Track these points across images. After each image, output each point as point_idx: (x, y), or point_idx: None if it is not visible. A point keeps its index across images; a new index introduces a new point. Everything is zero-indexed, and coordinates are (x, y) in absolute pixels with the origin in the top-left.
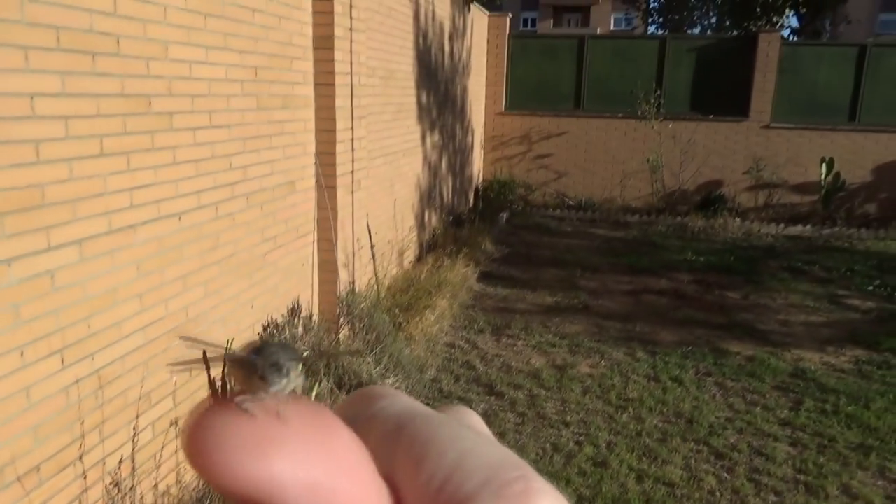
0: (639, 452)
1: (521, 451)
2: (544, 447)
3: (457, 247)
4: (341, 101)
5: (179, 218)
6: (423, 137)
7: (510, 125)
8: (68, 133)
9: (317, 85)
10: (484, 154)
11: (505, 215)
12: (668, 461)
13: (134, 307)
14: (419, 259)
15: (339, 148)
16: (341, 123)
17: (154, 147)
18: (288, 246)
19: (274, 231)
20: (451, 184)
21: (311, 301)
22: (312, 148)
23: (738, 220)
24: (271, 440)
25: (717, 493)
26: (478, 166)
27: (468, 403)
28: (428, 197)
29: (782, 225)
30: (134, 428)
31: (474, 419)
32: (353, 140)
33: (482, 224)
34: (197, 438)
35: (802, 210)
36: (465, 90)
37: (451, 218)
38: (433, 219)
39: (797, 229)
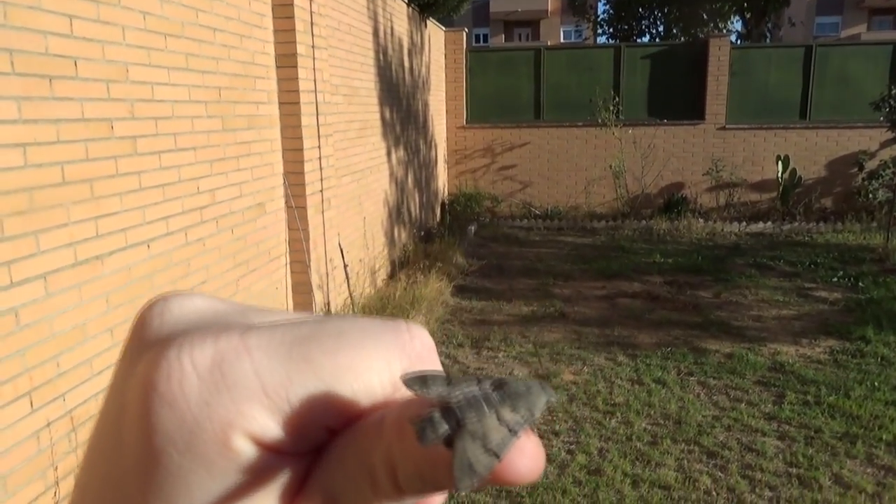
0: (631, 457)
1: None
2: None
3: (429, 262)
4: (307, 120)
5: (148, 246)
6: (389, 154)
7: (472, 138)
8: (27, 161)
9: (282, 104)
10: (448, 168)
11: (473, 228)
12: (662, 464)
13: (105, 342)
14: (391, 276)
15: (307, 167)
16: (308, 142)
17: (118, 173)
18: (260, 270)
19: (245, 255)
20: (418, 199)
21: None
22: (280, 168)
23: (701, 220)
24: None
25: (714, 493)
26: (443, 180)
27: None
28: (396, 213)
29: (744, 223)
30: None
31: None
32: (320, 158)
33: (451, 238)
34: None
35: (762, 207)
36: (426, 105)
37: (421, 233)
38: (402, 235)
39: (759, 226)
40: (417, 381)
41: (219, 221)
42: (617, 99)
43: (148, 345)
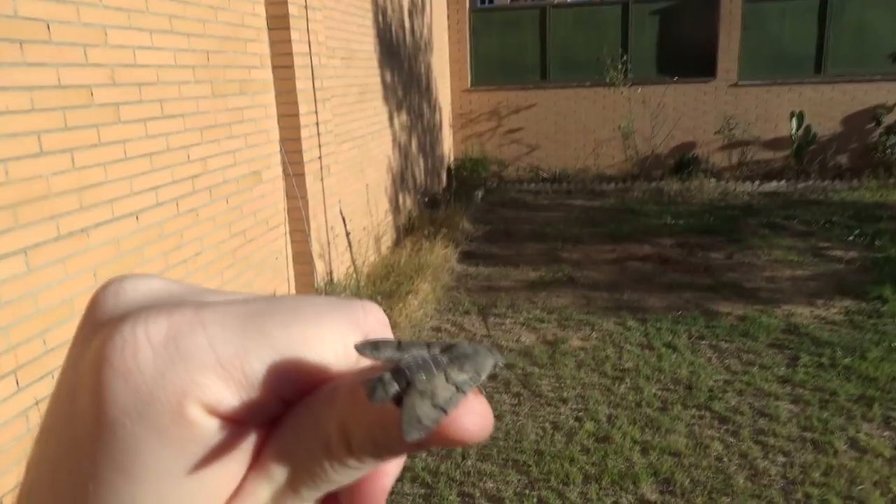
0: (641, 424)
1: (520, 431)
2: (543, 426)
3: (434, 228)
4: (302, 84)
5: (137, 218)
6: (391, 118)
7: (477, 101)
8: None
9: (275, 68)
10: (453, 132)
11: (480, 193)
12: (672, 430)
13: None
14: (397, 244)
15: (303, 133)
16: (304, 107)
17: (101, 142)
18: (258, 240)
19: (242, 225)
20: (422, 165)
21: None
22: (276, 135)
23: (713, 180)
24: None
25: (725, 459)
26: (448, 145)
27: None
28: (400, 179)
29: (757, 182)
30: None
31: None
32: (318, 124)
33: (458, 203)
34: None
35: (776, 166)
36: (429, 68)
37: (426, 199)
38: (407, 201)
39: (772, 185)
40: (369, 346)
41: (212, 191)
42: (625, 57)
43: (102, 323)
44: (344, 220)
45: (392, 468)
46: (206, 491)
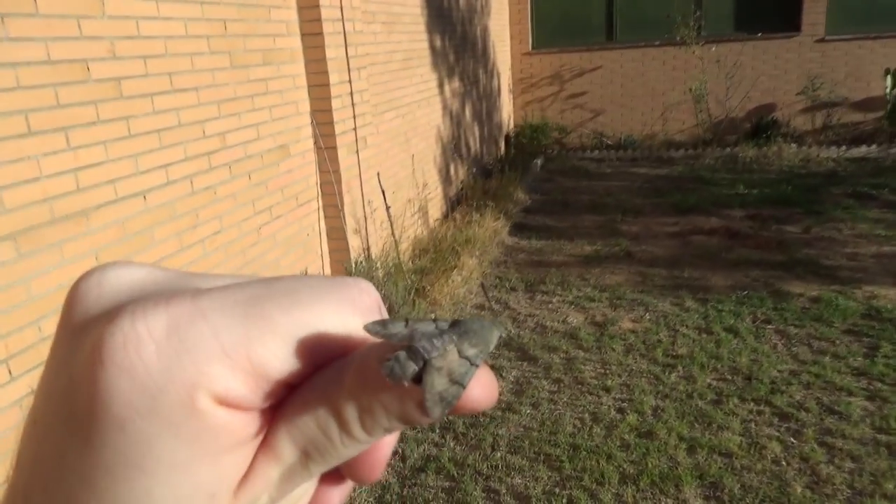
0: (690, 418)
1: (556, 422)
2: (582, 417)
3: (487, 199)
4: (333, 52)
5: (144, 197)
6: (441, 85)
7: (539, 65)
8: None
9: (304, 35)
10: (513, 98)
11: (539, 161)
12: (725, 426)
13: None
14: (446, 216)
15: (335, 104)
16: (335, 76)
17: (100, 119)
18: (287, 216)
19: (268, 201)
20: (477, 133)
21: (321, 272)
22: (307, 106)
23: (793, 145)
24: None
25: (783, 462)
26: (507, 112)
27: (498, 371)
28: (452, 149)
29: (844, 147)
30: None
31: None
32: (352, 94)
33: (513, 172)
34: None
35: (866, 129)
36: (485, 31)
37: (482, 169)
38: (460, 171)
39: (861, 150)
40: (379, 325)
41: (232, 167)
42: (698, 13)
43: (91, 318)
44: (384, 193)
45: (389, 441)
46: (218, 477)
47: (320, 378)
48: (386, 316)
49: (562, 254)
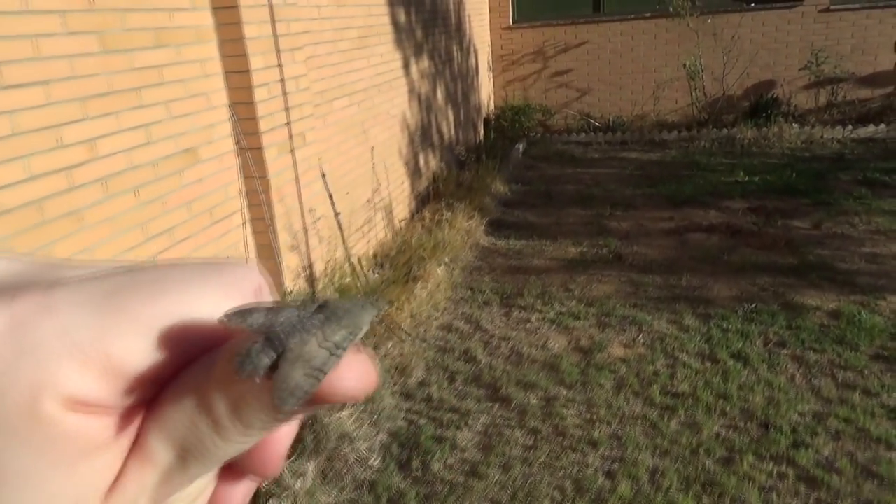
0: (696, 487)
1: (531, 493)
2: (562, 485)
3: (461, 193)
4: (253, 30)
5: None
6: (406, 66)
7: (520, 40)
8: None
9: (215, 9)
10: (493, 77)
11: (521, 146)
12: (739, 498)
13: None
14: (413, 215)
15: (259, 94)
16: (258, 60)
17: None
18: (197, 237)
19: (166, 221)
20: (452, 118)
21: None
22: (223, 98)
23: (795, 126)
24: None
25: None
26: (486, 92)
27: (465, 414)
28: (421, 138)
29: (849, 127)
30: None
31: None
32: (282, 81)
33: (492, 160)
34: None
35: (874, 106)
36: (460, 3)
37: (456, 158)
38: (431, 163)
39: (868, 130)
40: (237, 315)
41: (107, 183)
42: None
43: None
44: (331, 197)
45: (285, 433)
46: (79, 486)
47: (190, 372)
48: (270, 301)
49: (543, 257)
